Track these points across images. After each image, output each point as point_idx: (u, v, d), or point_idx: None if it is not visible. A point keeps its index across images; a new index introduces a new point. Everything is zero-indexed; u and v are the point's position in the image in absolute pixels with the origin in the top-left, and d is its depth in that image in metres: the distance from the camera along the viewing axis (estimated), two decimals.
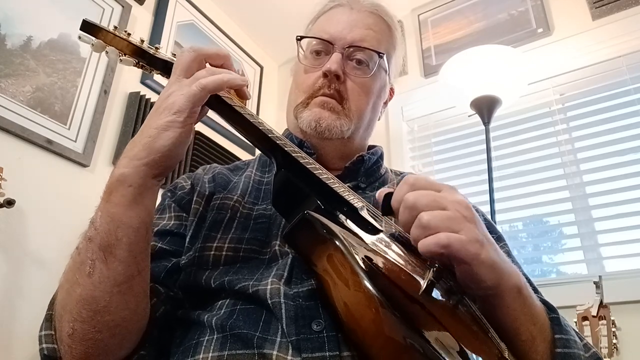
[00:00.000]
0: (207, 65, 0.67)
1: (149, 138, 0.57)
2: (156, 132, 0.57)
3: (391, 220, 0.64)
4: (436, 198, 0.52)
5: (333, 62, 0.79)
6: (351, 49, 0.82)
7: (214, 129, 2.08)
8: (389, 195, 0.56)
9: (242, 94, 0.70)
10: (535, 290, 0.68)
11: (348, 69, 0.82)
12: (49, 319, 0.59)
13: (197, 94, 0.59)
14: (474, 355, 0.45)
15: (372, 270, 0.45)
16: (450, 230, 0.48)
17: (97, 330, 0.55)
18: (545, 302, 0.63)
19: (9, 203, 1.22)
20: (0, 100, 1.36)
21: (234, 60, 2.44)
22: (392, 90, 0.96)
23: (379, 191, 0.58)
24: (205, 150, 1.96)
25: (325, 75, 0.79)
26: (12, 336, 1.25)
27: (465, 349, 0.44)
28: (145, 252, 0.59)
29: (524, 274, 0.67)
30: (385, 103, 0.94)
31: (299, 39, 0.87)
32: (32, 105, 1.45)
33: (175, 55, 0.68)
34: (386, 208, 0.55)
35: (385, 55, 0.85)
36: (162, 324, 0.66)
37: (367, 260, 0.46)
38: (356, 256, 0.45)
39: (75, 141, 1.55)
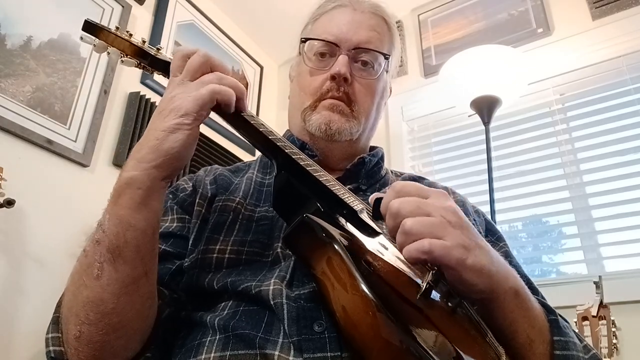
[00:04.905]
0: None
1: (157, 140, 0.57)
2: (164, 134, 0.57)
3: None
4: (420, 205, 0.52)
5: (341, 64, 0.79)
6: (356, 51, 0.82)
7: (214, 129, 2.08)
8: (379, 201, 0.56)
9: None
10: (536, 291, 0.68)
11: (354, 70, 0.82)
12: (56, 322, 0.60)
13: (206, 98, 0.59)
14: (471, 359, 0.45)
15: (369, 273, 0.45)
16: (434, 236, 0.48)
17: (104, 333, 0.55)
18: (544, 304, 0.63)
19: (9, 203, 1.22)
20: (0, 100, 1.36)
21: (233, 60, 2.44)
22: (390, 89, 0.96)
23: (371, 196, 0.59)
24: (205, 151, 1.96)
25: (333, 77, 0.79)
26: (12, 336, 1.25)
27: (462, 353, 0.44)
28: (152, 253, 0.59)
29: (524, 275, 0.67)
30: (385, 102, 0.95)
31: (304, 40, 0.86)
32: (32, 105, 1.45)
33: None
34: (377, 213, 0.56)
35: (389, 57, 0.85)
36: (167, 326, 0.66)
37: (365, 263, 0.46)
38: (354, 259, 0.45)
39: (75, 141, 1.55)
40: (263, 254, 0.68)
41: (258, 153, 0.85)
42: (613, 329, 1.27)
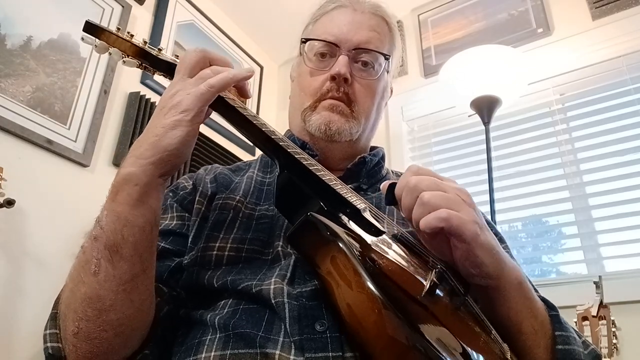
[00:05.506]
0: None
1: (156, 137, 0.57)
2: (163, 130, 0.57)
3: (393, 221, 0.65)
4: (437, 182, 0.54)
5: (342, 65, 0.79)
6: (356, 51, 0.82)
7: (214, 129, 2.08)
8: (392, 185, 0.57)
9: (244, 93, 0.69)
10: (535, 290, 0.68)
11: (354, 71, 0.82)
12: (54, 318, 0.60)
13: (204, 92, 0.59)
14: (477, 355, 0.45)
15: (375, 271, 0.45)
16: (450, 209, 0.50)
17: (102, 329, 0.55)
18: (544, 300, 0.63)
19: (9, 203, 1.22)
20: (0, 100, 1.36)
21: (233, 60, 2.43)
22: (391, 90, 0.97)
23: (383, 183, 0.59)
24: (205, 150, 1.96)
25: (333, 78, 0.79)
26: (12, 336, 1.25)
27: (468, 349, 0.44)
28: (150, 250, 0.59)
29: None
30: (386, 103, 0.95)
31: (304, 41, 0.86)
32: (32, 105, 1.45)
33: (177, 56, 0.68)
34: (390, 197, 0.57)
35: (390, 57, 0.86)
36: (166, 324, 0.66)
37: (370, 261, 0.46)
38: (359, 257, 0.45)
39: (75, 141, 1.55)
40: (263, 252, 0.68)
41: (258, 153, 0.85)
42: (613, 329, 1.27)
